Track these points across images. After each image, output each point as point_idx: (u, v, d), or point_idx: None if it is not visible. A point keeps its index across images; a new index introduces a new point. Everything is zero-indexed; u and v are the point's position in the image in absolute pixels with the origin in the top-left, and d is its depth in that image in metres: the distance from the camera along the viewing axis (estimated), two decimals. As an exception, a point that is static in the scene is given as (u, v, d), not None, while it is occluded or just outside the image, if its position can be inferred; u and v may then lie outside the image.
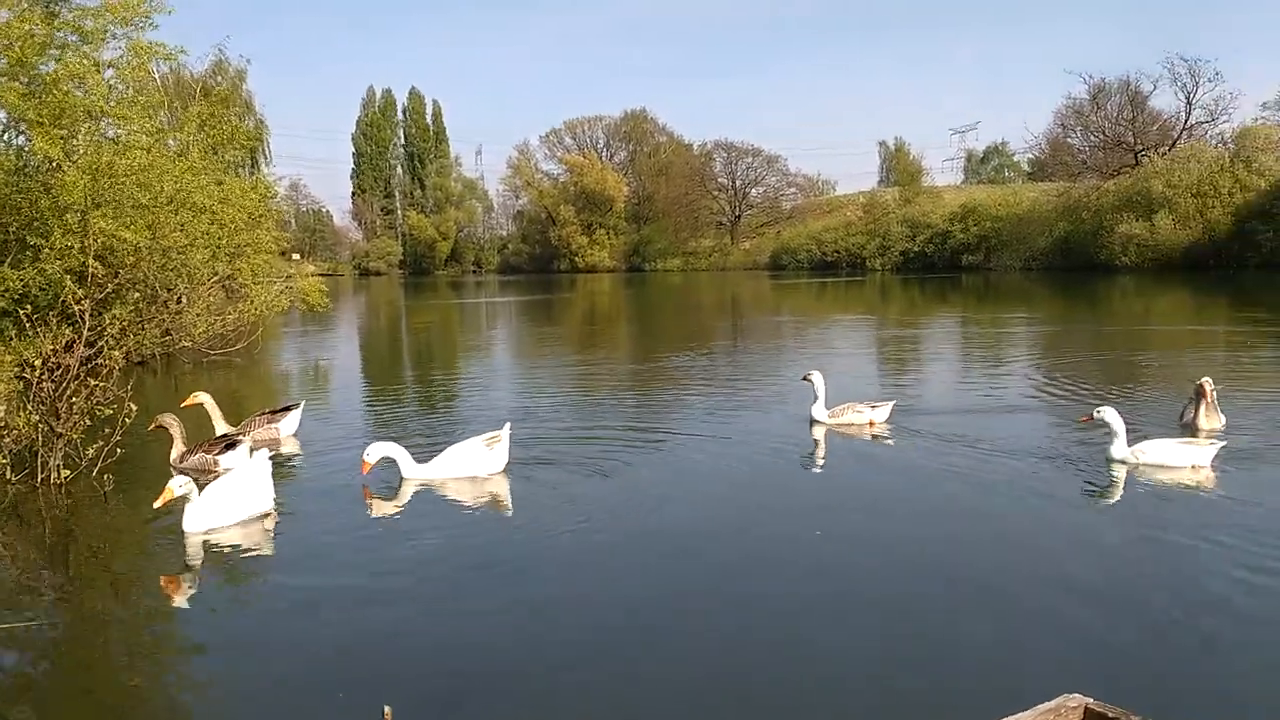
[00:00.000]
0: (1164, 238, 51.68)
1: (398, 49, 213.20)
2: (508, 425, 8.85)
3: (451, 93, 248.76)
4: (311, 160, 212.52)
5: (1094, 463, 8.63)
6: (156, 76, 31.92)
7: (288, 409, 10.73)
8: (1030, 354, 18.87)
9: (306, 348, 24.21)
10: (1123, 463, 8.47)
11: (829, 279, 61.60)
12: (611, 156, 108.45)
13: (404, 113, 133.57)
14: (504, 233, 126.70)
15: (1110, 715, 3.15)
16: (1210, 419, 9.81)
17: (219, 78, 42.00)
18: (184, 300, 19.29)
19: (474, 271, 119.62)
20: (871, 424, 10.62)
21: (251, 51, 71.46)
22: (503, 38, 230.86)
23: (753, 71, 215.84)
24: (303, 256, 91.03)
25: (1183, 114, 64.32)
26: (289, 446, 10.35)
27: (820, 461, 9.51)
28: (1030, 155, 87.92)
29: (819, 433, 10.41)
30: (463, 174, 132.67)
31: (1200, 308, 29.84)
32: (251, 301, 20.12)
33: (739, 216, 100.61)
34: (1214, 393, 9.95)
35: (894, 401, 11.06)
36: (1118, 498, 7.83)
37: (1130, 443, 8.56)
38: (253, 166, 40.01)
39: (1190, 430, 9.72)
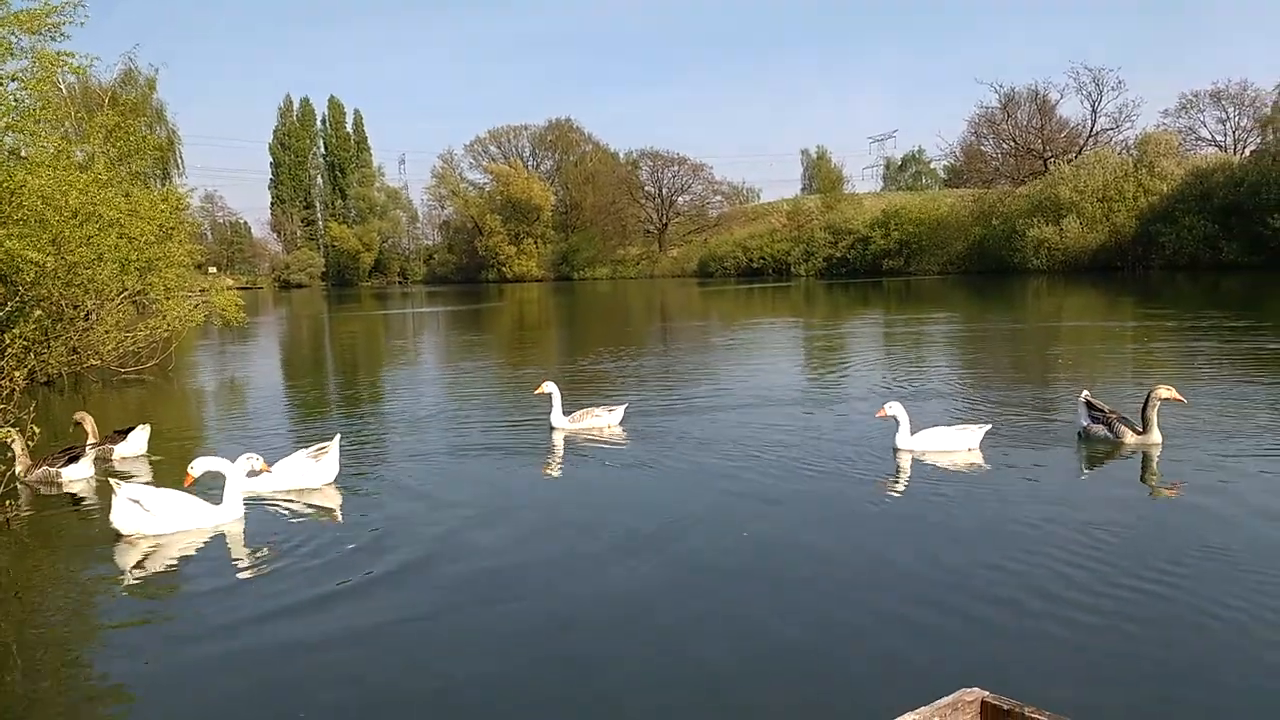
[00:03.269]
0: (1072, 241, 53.65)
1: (317, 58, 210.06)
2: (338, 437, 9.00)
3: (372, 102, 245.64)
4: (229, 171, 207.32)
5: (883, 452, 9.32)
6: (63, 87, 30.86)
7: (130, 430, 10.68)
8: (912, 352, 19.49)
9: (223, 363, 23.61)
10: (908, 451, 9.16)
11: (755, 285, 62.33)
12: (537, 165, 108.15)
13: (323, 121, 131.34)
14: (430, 243, 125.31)
15: (1006, 708, 3.23)
16: (1151, 431, 9.07)
17: (128, 87, 40.75)
18: (92, 317, 18.66)
19: (400, 282, 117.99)
20: (609, 427, 11.11)
21: (165, 61, 69.09)
22: (423, 47, 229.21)
23: (675, 82, 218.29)
24: (220, 270, 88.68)
25: (1088, 122, 67.04)
26: (139, 465, 10.29)
27: (558, 467, 9.69)
28: (946, 162, 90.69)
29: (558, 439, 10.79)
30: (386, 184, 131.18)
31: (1104, 306, 31.00)
32: (164, 317, 19.57)
33: (666, 224, 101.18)
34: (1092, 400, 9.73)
35: (626, 404, 11.64)
36: (905, 482, 8.39)
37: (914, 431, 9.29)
38: (164, 177, 38.95)
39: (1130, 445, 9.09)
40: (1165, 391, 9.03)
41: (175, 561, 6.90)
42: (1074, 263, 53.43)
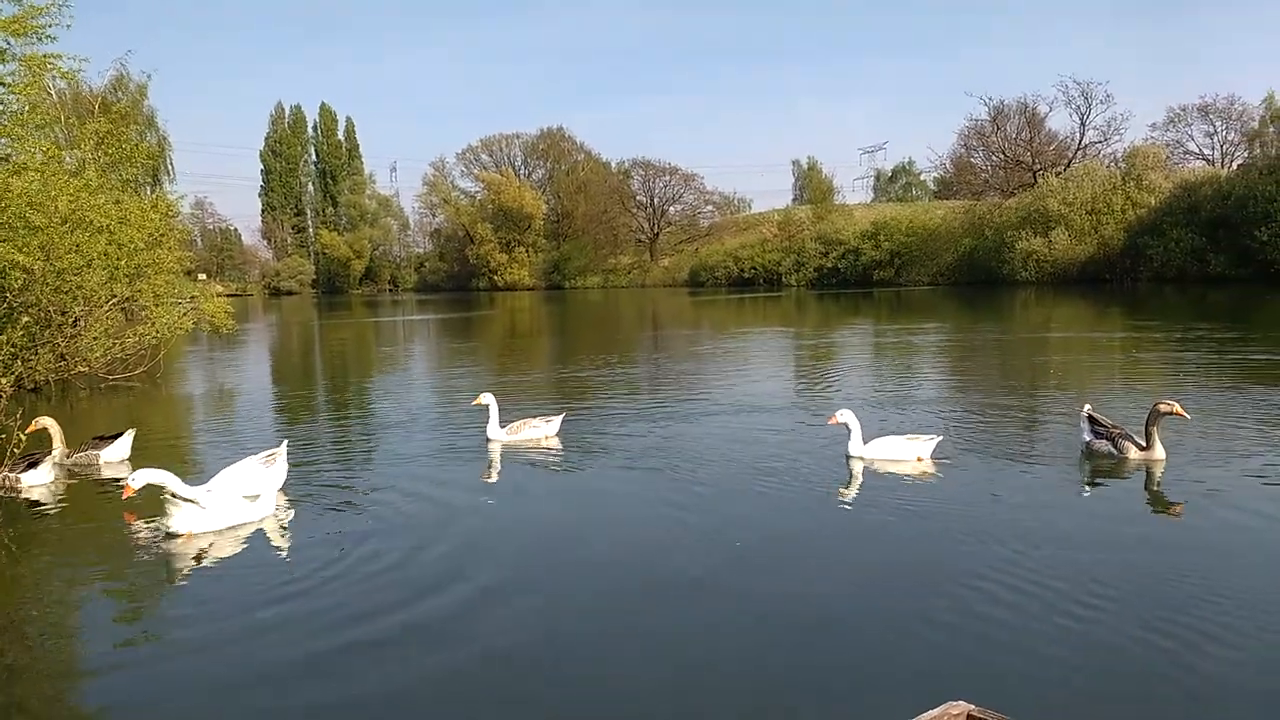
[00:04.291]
0: (1061, 253, 53.91)
1: (309, 65, 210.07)
2: (285, 444, 8.99)
3: (364, 109, 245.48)
4: (219, 178, 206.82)
5: (835, 459, 9.53)
6: (53, 92, 30.79)
7: (116, 436, 10.64)
8: (897, 361, 19.54)
9: (212, 370, 23.53)
10: (859, 458, 9.39)
11: (746, 295, 62.44)
12: (529, 174, 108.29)
13: (315, 129, 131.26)
14: (421, 250, 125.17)
15: (991, 720, 3.25)
16: (1154, 447, 8.98)
17: (119, 93, 40.74)
18: (80, 323, 18.57)
19: (390, 290, 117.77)
20: (547, 438, 11.09)
21: (156, 67, 69.09)
22: (418, 55, 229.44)
23: (667, 92, 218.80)
24: (210, 276, 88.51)
25: (1077, 134, 67.47)
26: (124, 470, 10.19)
27: (496, 477, 9.59)
28: (936, 174, 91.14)
29: (495, 450, 10.71)
30: (377, 191, 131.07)
31: (1092, 318, 31.15)
32: (153, 324, 19.49)
33: (658, 234, 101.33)
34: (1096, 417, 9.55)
35: (563, 415, 11.64)
36: (858, 488, 8.59)
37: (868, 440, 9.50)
38: (154, 184, 38.89)
39: (1133, 461, 8.98)
40: (1167, 406, 8.97)
41: (164, 557, 6.88)
42: (1062, 274, 53.68)
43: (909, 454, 9.37)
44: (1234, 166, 63.25)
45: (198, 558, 7.05)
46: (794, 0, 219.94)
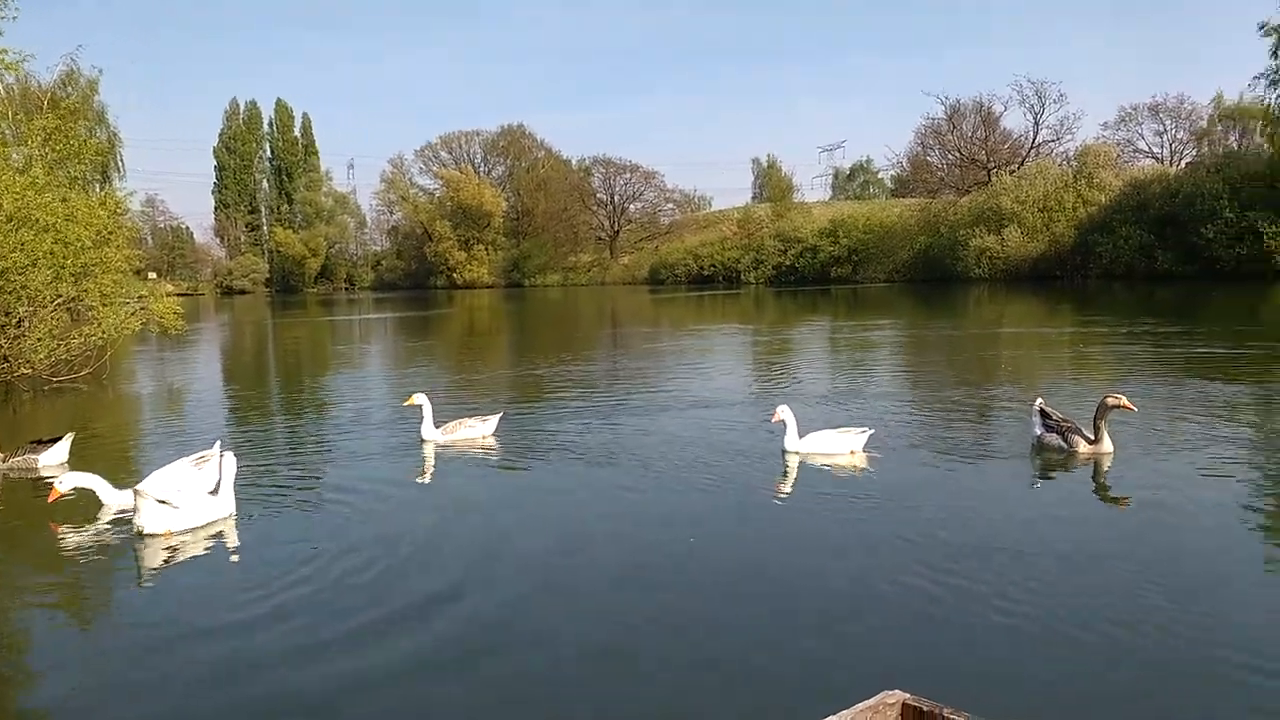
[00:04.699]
0: (1013, 250, 54.80)
1: (264, 61, 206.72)
2: (218, 443, 8.85)
3: (321, 106, 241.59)
4: (171, 174, 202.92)
5: (771, 453, 9.78)
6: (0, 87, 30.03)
7: (55, 440, 10.44)
8: (851, 357, 19.76)
9: (160, 370, 23.10)
10: (795, 453, 9.60)
11: (706, 292, 62.67)
12: (489, 171, 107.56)
13: (270, 125, 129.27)
14: (378, 249, 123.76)
15: (926, 709, 3.29)
16: (1102, 440, 9.15)
17: (69, 88, 39.78)
18: (24, 324, 18.16)
19: (346, 289, 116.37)
20: (483, 437, 11.10)
21: (106, 63, 67.66)
22: (374, 52, 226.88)
23: (627, 92, 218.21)
24: (160, 275, 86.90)
25: (1030, 133, 68.56)
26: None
27: (429, 476, 9.59)
28: (893, 172, 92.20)
29: (429, 450, 10.67)
30: (334, 188, 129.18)
31: (1042, 314, 31.70)
32: (99, 324, 19.10)
33: (618, 231, 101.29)
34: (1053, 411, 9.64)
35: (501, 414, 11.65)
36: (793, 481, 8.79)
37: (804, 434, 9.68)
38: (104, 180, 38.05)
39: (1082, 454, 9.11)
40: (1114, 400, 9.14)
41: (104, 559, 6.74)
42: (1015, 271, 54.56)
43: (842, 447, 9.52)
44: (1182, 165, 64.64)
45: (132, 569, 6.84)
46: (794, 0, 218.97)
